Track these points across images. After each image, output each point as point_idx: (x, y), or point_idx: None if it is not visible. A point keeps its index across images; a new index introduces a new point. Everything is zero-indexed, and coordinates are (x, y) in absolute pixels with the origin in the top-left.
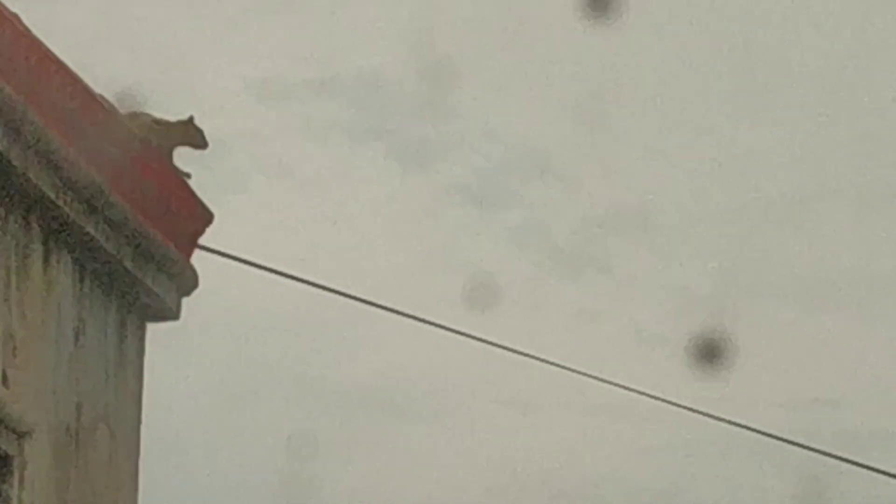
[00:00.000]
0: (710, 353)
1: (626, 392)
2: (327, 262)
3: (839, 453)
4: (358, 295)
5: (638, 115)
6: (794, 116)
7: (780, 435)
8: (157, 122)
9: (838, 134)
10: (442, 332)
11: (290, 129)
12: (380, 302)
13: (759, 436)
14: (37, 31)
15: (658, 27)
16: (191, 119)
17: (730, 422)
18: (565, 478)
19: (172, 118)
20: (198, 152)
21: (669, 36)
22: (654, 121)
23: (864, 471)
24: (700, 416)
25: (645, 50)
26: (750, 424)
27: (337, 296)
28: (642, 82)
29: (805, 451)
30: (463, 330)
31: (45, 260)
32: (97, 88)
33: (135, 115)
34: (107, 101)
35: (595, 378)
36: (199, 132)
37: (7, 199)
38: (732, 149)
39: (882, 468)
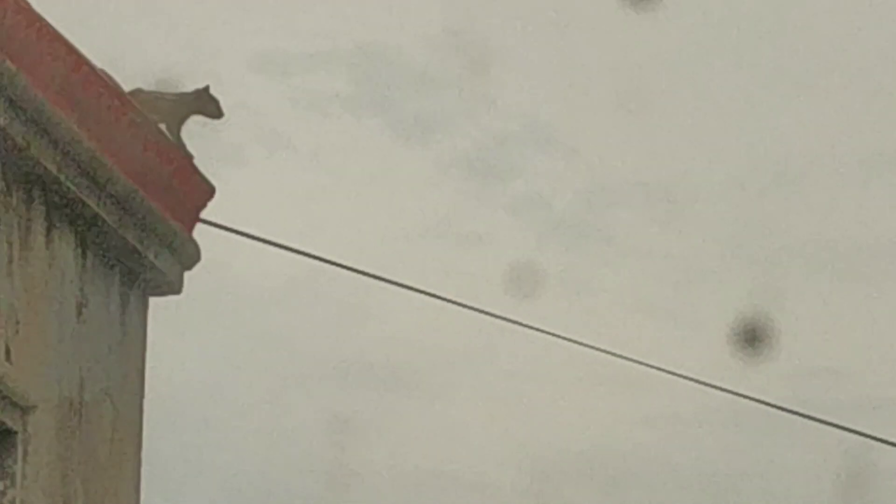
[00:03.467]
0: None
1: (631, 363)
2: (328, 235)
3: (849, 424)
4: (359, 267)
5: (644, 89)
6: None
7: (788, 406)
8: (167, 94)
9: (846, 101)
10: (445, 304)
11: (290, 102)
12: (381, 274)
13: (767, 407)
14: (35, 5)
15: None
16: (206, 88)
17: (737, 393)
18: (577, 449)
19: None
20: (202, 124)
21: (683, 11)
22: (659, 93)
23: (874, 442)
24: (707, 387)
25: (657, 28)
26: (757, 396)
27: (338, 268)
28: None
29: (814, 423)
30: (466, 303)
31: (48, 235)
32: (98, 63)
33: (137, 92)
34: (108, 76)
35: (600, 350)
36: (215, 101)
37: (9, 175)
38: (736, 118)
39: (883, 437)
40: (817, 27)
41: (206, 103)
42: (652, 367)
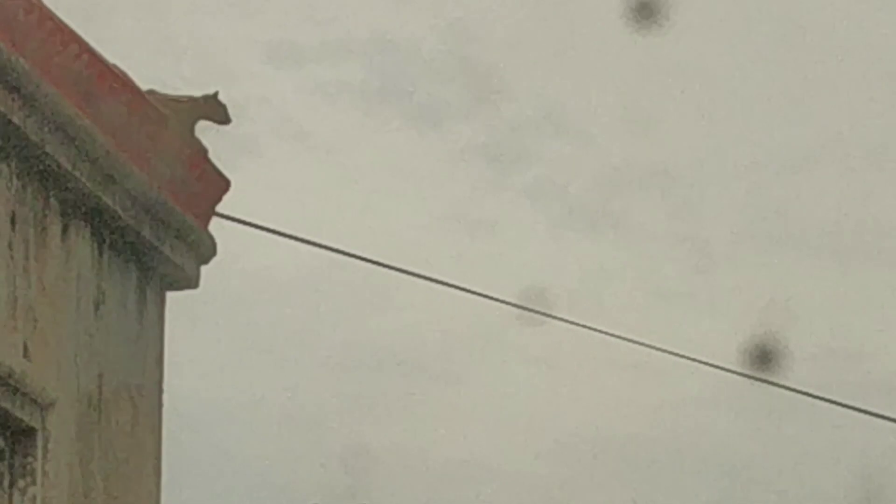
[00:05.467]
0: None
1: (645, 348)
2: (344, 226)
3: (861, 405)
4: (375, 258)
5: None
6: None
7: (799, 388)
8: (178, 98)
9: (856, 84)
10: (461, 292)
11: (304, 93)
12: (397, 264)
13: (779, 389)
14: (48, 3)
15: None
16: (215, 94)
17: (749, 376)
18: (597, 434)
19: (191, 91)
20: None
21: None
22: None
23: (888, 423)
24: (720, 371)
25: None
26: (769, 378)
27: (354, 259)
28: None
29: (827, 404)
30: (482, 291)
31: (64, 231)
32: (113, 59)
33: (149, 93)
34: (122, 72)
35: (615, 336)
36: (223, 107)
37: (25, 172)
38: (747, 104)
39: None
40: (826, 20)
41: (214, 109)
42: (668, 352)
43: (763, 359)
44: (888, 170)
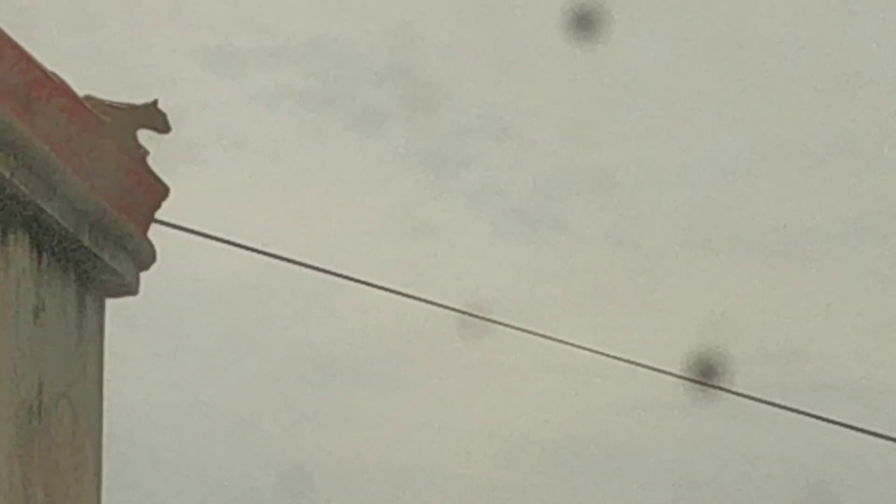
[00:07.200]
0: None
1: (586, 352)
2: (284, 232)
3: (803, 407)
4: (317, 264)
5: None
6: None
7: (741, 392)
8: (117, 104)
9: (791, 91)
10: (399, 297)
11: (244, 99)
12: (339, 270)
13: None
14: None
15: None
16: (154, 102)
17: (689, 379)
18: (542, 438)
19: (130, 97)
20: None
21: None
22: (610, 83)
23: (829, 424)
24: (661, 374)
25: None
26: (709, 381)
27: (295, 265)
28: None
29: (769, 407)
30: (422, 296)
31: (2, 240)
32: (50, 66)
33: (87, 98)
34: (60, 79)
35: (556, 340)
36: (163, 115)
37: None
38: (686, 110)
39: (842, 420)
40: (761, 28)
41: (154, 117)
42: (609, 355)
43: (704, 362)
44: (824, 172)
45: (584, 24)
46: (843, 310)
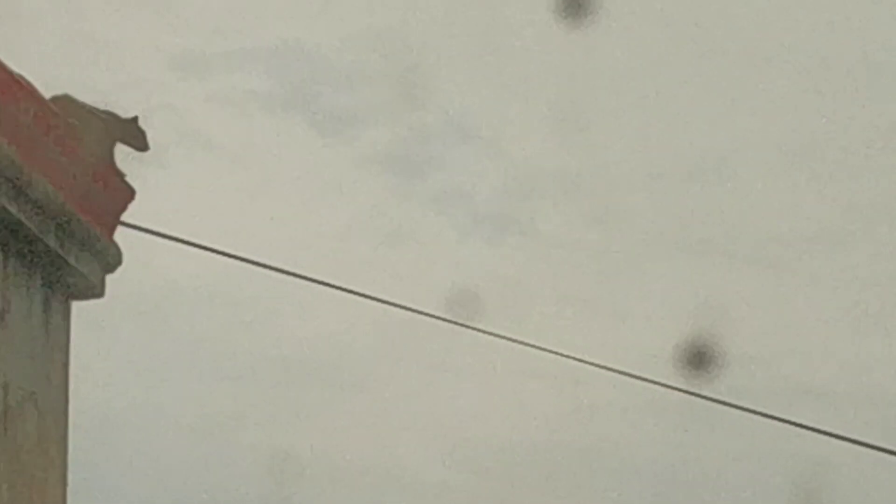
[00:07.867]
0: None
1: (555, 356)
2: (251, 235)
3: (766, 410)
4: (282, 266)
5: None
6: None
7: (716, 396)
8: (97, 110)
9: (759, 96)
10: (370, 301)
11: (211, 102)
12: (304, 273)
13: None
14: None
15: None
16: (135, 119)
17: (656, 382)
18: (507, 441)
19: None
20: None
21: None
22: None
23: (793, 427)
24: (629, 378)
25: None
26: (676, 385)
27: (261, 268)
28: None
29: (734, 410)
30: (388, 299)
31: None
32: (17, 67)
33: (57, 98)
34: (27, 82)
35: (524, 343)
36: (142, 133)
37: None
38: (656, 112)
39: (805, 423)
40: (735, 30)
41: (133, 135)
42: (574, 358)
43: (684, 364)
44: (792, 177)
45: (554, 27)
46: (813, 315)
